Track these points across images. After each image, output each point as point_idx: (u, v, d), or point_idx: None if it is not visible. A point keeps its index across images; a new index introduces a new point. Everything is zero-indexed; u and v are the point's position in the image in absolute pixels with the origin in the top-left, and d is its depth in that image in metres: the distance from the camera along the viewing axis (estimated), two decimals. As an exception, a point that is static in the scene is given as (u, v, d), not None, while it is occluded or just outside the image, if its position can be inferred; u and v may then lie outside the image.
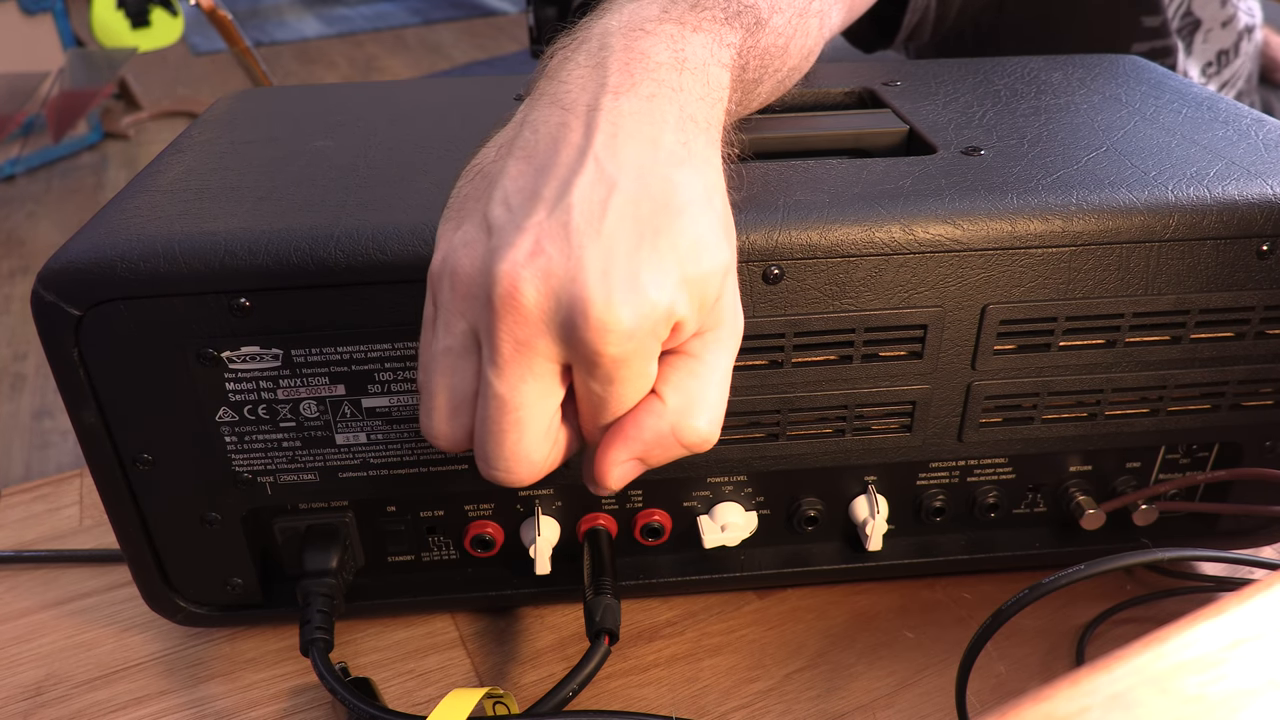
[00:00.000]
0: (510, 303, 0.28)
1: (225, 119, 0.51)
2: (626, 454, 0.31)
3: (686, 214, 0.29)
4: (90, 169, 2.77)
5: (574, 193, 0.28)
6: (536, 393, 0.29)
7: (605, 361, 0.28)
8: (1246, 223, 0.39)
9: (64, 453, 1.64)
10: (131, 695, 0.45)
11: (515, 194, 0.29)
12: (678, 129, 0.31)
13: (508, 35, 4.01)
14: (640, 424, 0.30)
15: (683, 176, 0.30)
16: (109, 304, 0.36)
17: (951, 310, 0.40)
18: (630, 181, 0.29)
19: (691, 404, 0.30)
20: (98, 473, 0.40)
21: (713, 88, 0.33)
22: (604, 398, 0.30)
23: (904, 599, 0.49)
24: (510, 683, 0.45)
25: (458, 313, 0.30)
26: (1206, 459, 0.47)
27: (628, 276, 0.28)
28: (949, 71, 0.56)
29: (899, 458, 0.44)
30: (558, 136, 0.30)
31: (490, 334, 0.28)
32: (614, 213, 0.28)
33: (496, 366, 0.29)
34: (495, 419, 0.29)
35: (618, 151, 0.29)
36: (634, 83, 0.31)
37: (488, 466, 0.31)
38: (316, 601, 0.41)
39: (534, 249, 0.28)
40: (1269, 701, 0.24)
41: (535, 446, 0.30)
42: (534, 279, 0.28)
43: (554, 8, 1.83)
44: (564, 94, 0.31)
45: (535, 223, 0.28)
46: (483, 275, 0.28)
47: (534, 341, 0.28)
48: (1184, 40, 0.83)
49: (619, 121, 0.30)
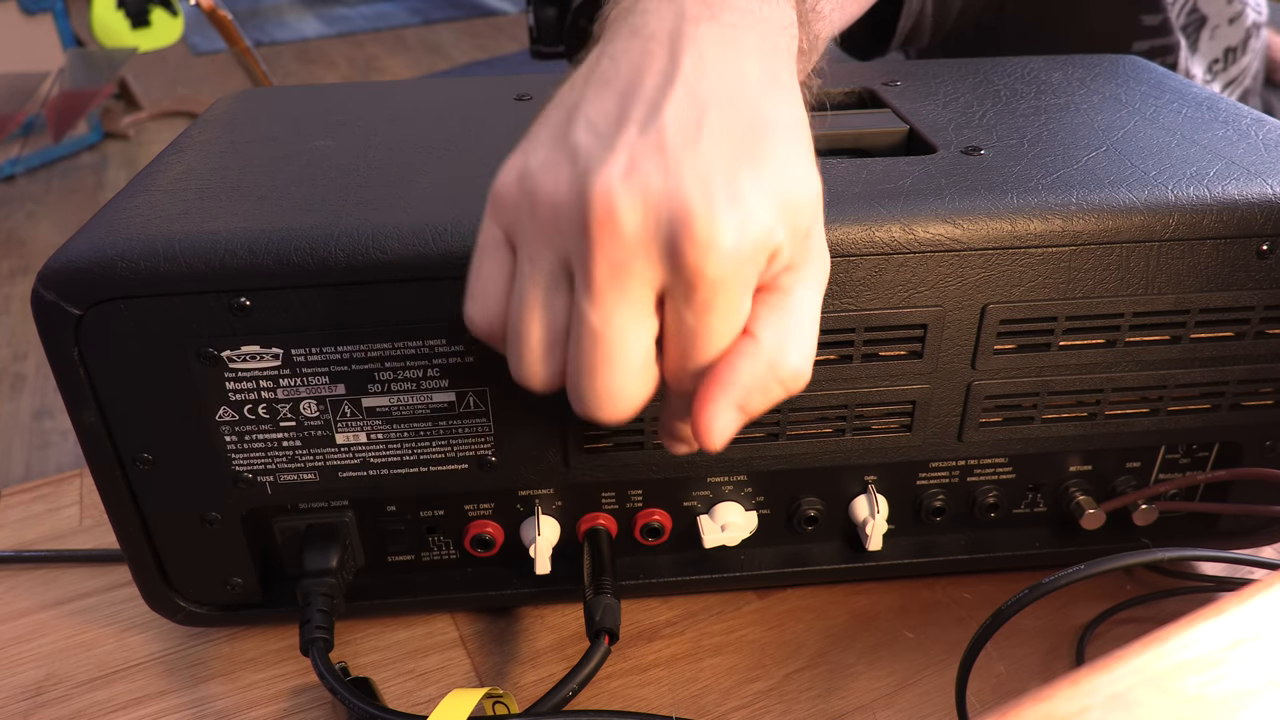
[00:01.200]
0: (608, 224, 0.26)
1: (225, 119, 0.51)
2: (727, 401, 0.29)
3: (781, 138, 0.28)
4: (90, 169, 2.77)
5: (665, 113, 0.27)
6: (633, 322, 0.28)
7: (705, 284, 0.27)
8: (1246, 222, 0.39)
9: (64, 453, 1.64)
10: (131, 695, 0.45)
11: (600, 118, 0.28)
12: (762, 57, 0.30)
13: (508, 35, 4.01)
14: (737, 366, 0.29)
15: (773, 102, 0.29)
16: (109, 303, 0.36)
17: (951, 310, 0.40)
18: (722, 104, 0.28)
19: (786, 339, 0.29)
20: (98, 472, 0.40)
21: (786, 23, 0.33)
22: (696, 331, 0.28)
23: (904, 599, 0.49)
24: (510, 683, 0.45)
25: (544, 242, 0.28)
26: (1206, 459, 0.47)
27: (730, 194, 0.26)
28: (949, 71, 0.56)
29: (899, 457, 0.44)
30: (640, 63, 0.29)
31: (585, 260, 0.27)
32: (709, 133, 0.27)
33: (591, 295, 0.27)
34: (589, 352, 0.28)
35: (706, 74, 0.28)
36: (714, 12, 0.30)
37: (581, 404, 0.29)
38: (316, 601, 0.41)
39: (629, 167, 0.26)
40: (1269, 701, 0.24)
41: (631, 381, 0.29)
42: (631, 197, 0.26)
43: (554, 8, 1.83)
44: (642, 25, 0.30)
45: (626, 142, 0.27)
46: (575, 198, 0.27)
47: (631, 264, 0.27)
48: (1189, 37, 0.83)
49: (704, 47, 0.29)
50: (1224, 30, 0.85)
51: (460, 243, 0.37)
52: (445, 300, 0.38)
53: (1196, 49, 0.84)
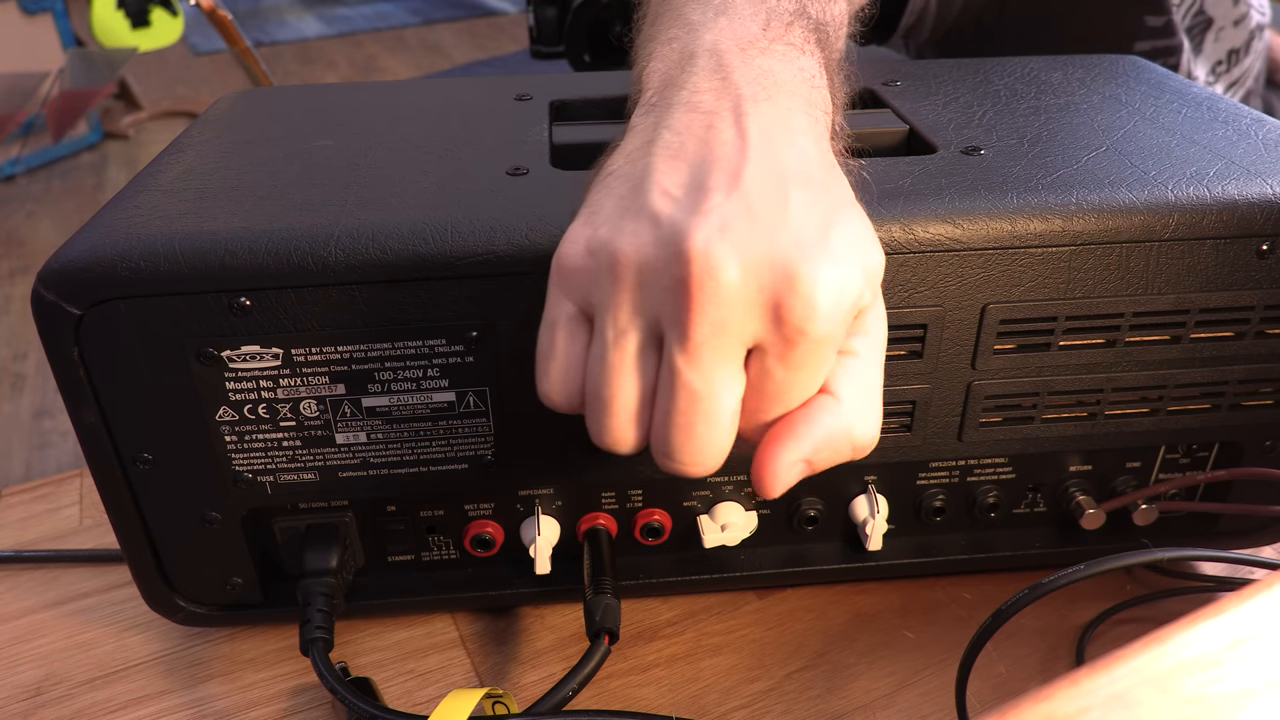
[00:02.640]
0: (708, 283, 0.26)
1: (225, 119, 0.51)
2: (797, 453, 0.29)
3: (853, 210, 0.29)
4: (90, 169, 2.77)
5: (745, 181, 0.28)
6: (728, 379, 0.28)
7: (805, 342, 0.27)
8: (1246, 222, 0.39)
9: (64, 453, 1.64)
10: (131, 695, 0.45)
11: (676, 186, 0.28)
12: (815, 139, 0.31)
13: (508, 35, 4.01)
14: (814, 420, 0.29)
15: (835, 176, 0.30)
16: (109, 303, 0.36)
17: (951, 310, 0.40)
18: (797, 175, 0.28)
19: (864, 402, 0.30)
20: (98, 472, 0.40)
21: (826, 108, 0.34)
22: (784, 386, 0.28)
23: (904, 599, 0.49)
24: (510, 682, 0.45)
25: (629, 306, 0.28)
26: (1206, 459, 0.47)
27: (827, 255, 0.27)
28: (949, 71, 0.56)
29: (899, 457, 0.44)
30: (707, 136, 0.29)
31: (682, 320, 0.27)
32: (795, 199, 0.28)
33: (689, 355, 0.27)
34: (686, 411, 0.28)
35: (775, 148, 0.29)
36: (769, 95, 0.31)
37: (672, 462, 0.29)
38: (317, 601, 0.41)
39: (722, 227, 0.27)
40: (1269, 701, 0.24)
41: (725, 436, 0.29)
42: (732, 256, 0.26)
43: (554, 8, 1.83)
44: (699, 102, 0.31)
45: (714, 205, 0.27)
46: (667, 259, 0.27)
47: (730, 324, 0.27)
48: (1194, 39, 0.83)
49: (767, 125, 0.29)
50: (1229, 32, 0.85)
51: (460, 242, 0.37)
52: (445, 300, 0.38)
53: (1200, 50, 0.84)
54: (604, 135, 0.37)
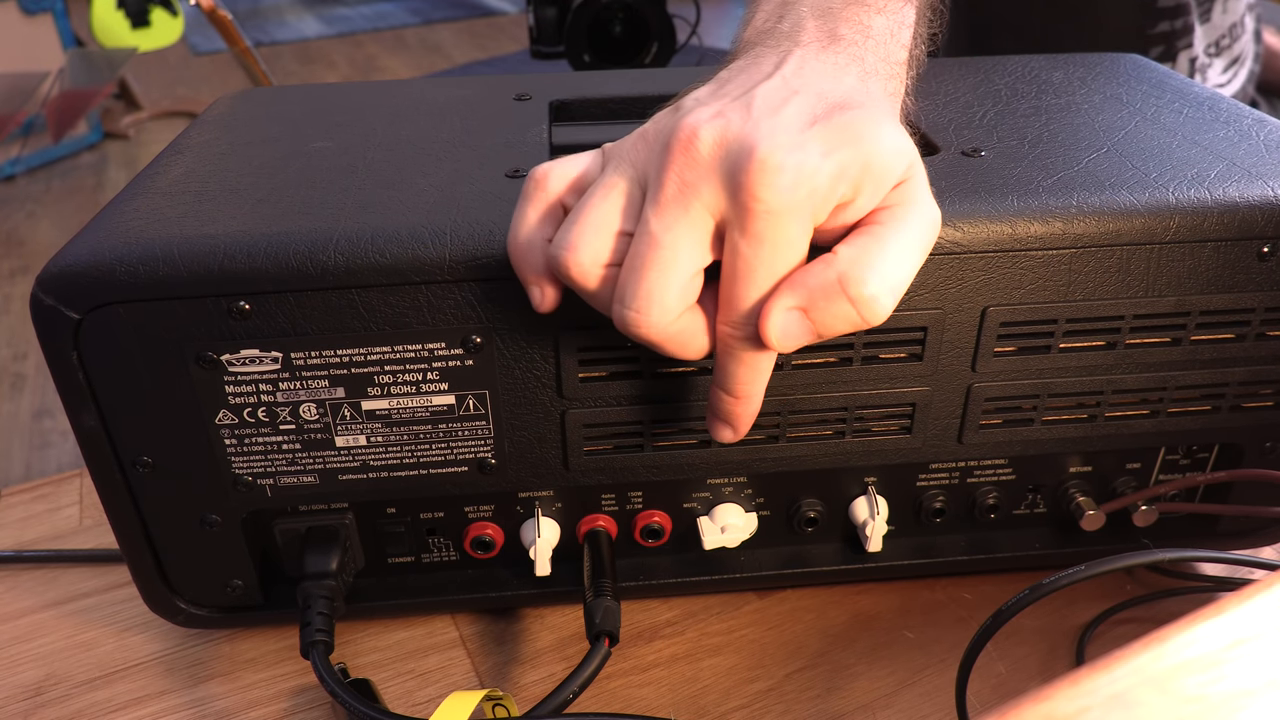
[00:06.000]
0: (685, 146, 0.30)
1: (225, 119, 0.50)
2: (791, 299, 0.31)
3: (856, 109, 0.31)
4: (90, 169, 2.77)
5: (757, 90, 0.32)
6: (687, 237, 0.31)
7: (759, 210, 0.29)
8: (1247, 224, 0.39)
9: (64, 453, 1.64)
10: (131, 695, 0.45)
11: (704, 94, 0.33)
12: (860, 79, 0.34)
13: (508, 35, 4.01)
14: (808, 270, 0.31)
15: (859, 90, 0.33)
16: (108, 307, 0.36)
17: (951, 312, 0.40)
18: (809, 92, 0.32)
19: (863, 259, 0.31)
20: (98, 476, 0.40)
21: (892, 64, 0.37)
22: (750, 263, 0.30)
23: (904, 599, 0.49)
24: (510, 683, 0.45)
25: (629, 161, 0.33)
26: (1207, 460, 0.47)
27: (796, 140, 0.30)
28: (949, 71, 0.56)
29: (899, 459, 0.44)
30: (748, 69, 0.34)
31: (658, 174, 0.31)
32: (792, 106, 0.31)
33: (657, 204, 0.31)
34: (642, 254, 0.31)
35: (803, 74, 0.33)
36: (823, 47, 0.35)
37: (622, 305, 0.32)
38: (317, 604, 0.41)
39: (716, 113, 0.31)
40: (1269, 701, 0.24)
41: (671, 291, 0.31)
42: (711, 130, 0.30)
43: (554, 8, 1.83)
44: (760, 53, 0.35)
45: (720, 103, 0.32)
46: (667, 130, 0.31)
47: (698, 185, 0.30)
48: (1202, 18, 0.83)
49: (806, 59, 0.34)
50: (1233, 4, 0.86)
51: (459, 245, 0.37)
52: (444, 304, 0.38)
53: (1209, 20, 0.84)
54: (604, 136, 0.37)
